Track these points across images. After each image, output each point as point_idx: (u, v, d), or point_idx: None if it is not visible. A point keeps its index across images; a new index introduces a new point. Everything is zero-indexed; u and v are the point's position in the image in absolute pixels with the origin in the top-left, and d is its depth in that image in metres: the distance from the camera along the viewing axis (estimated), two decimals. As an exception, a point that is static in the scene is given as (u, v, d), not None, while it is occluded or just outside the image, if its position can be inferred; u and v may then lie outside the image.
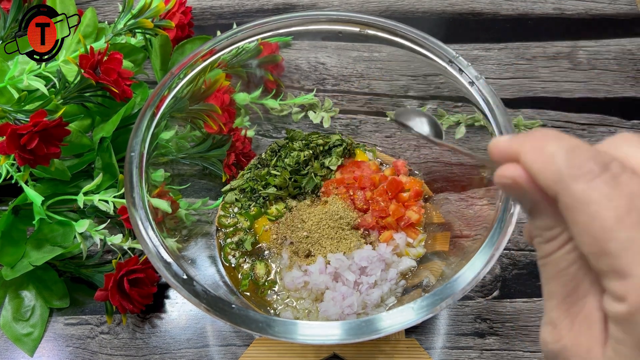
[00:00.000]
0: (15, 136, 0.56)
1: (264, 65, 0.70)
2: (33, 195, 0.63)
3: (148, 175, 0.54)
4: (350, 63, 0.72)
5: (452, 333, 0.66)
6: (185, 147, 0.65)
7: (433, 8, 0.95)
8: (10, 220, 0.66)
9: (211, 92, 0.64)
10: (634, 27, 0.92)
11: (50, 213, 0.65)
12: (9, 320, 0.66)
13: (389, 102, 0.73)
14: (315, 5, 0.95)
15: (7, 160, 0.62)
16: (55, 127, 0.58)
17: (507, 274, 0.70)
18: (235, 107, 0.71)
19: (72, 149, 0.67)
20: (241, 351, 0.64)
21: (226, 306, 0.44)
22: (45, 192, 0.66)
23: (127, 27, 0.69)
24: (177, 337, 0.66)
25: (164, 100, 0.57)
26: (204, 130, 0.67)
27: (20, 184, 0.63)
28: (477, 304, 0.68)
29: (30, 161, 0.59)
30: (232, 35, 0.61)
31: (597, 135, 0.81)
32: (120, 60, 0.63)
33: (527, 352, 0.64)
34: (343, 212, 0.66)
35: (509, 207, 0.49)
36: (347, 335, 0.44)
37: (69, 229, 0.66)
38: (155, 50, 0.74)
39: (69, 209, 0.67)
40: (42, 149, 0.58)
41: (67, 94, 0.63)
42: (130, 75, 0.64)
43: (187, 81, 0.59)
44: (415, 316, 0.44)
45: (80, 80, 0.62)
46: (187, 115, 0.63)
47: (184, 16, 0.75)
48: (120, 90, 0.63)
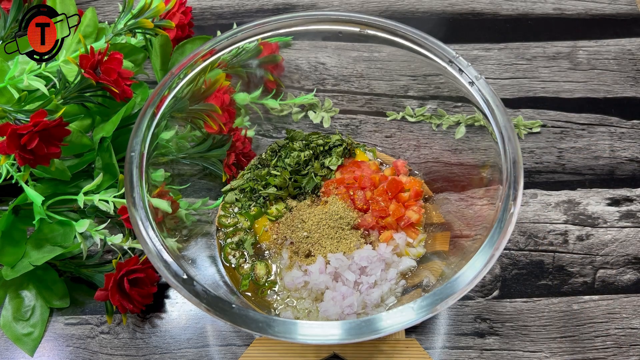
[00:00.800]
0: (16, 136, 0.56)
1: (264, 65, 0.70)
2: (33, 195, 0.63)
3: (148, 175, 0.54)
4: (350, 63, 0.72)
5: (452, 333, 0.66)
6: (185, 147, 0.65)
7: (433, 8, 0.95)
8: (10, 220, 0.66)
9: (211, 92, 0.64)
10: (634, 27, 0.92)
11: (50, 213, 0.65)
12: (9, 320, 0.66)
13: (389, 102, 0.73)
14: (315, 5, 0.95)
15: (7, 160, 0.62)
16: (55, 127, 0.58)
17: (507, 274, 0.70)
18: (235, 107, 0.71)
19: (72, 149, 0.67)
20: (241, 351, 0.65)
21: (226, 306, 0.44)
22: (46, 192, 0.67)
23: (127, 27, 0.69)
24: (177, 337, 0.66)
25: (164, 100, 0.57)
26: (204, 130, 0.67)
27: (20, 184, 0.63)
28: (477, 303, 0.68)
29: (30, 161, 0.59)
30: (232, 35, 0.61)
31: (596, 135, 0.81)
32: (121, 60, 0.63)
33: (527, 352, 0.64)
34: (343, 212, 0.66)
35: (508, 207, 0.49)
36: (347, 335, 0.44)
37: (69, 229, 0.66)
38: (155, 50, 0.74)
39: (69, 209, 0.67)
40: (42, 149, 0.58)
41: (67, 94, 0.63)
42: (130, 75, 0.64)
43: (187, 81, 0.59)
44: (415, 316, 0.44)
45: (81, 80, 0.62)
46: (188, 115, 0.63)
47: (184, 16, 0.75)
48: (121, 90, 0.63)
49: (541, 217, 0.74)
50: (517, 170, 0.52)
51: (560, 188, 0.76)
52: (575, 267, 0.70)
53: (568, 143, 0.80)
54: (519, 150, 0.53)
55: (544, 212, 0.74)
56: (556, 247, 0.72)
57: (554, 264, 0.70)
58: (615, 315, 0.67)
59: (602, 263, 0.70)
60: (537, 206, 0.75)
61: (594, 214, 0.74)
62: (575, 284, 0.69)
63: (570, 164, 0.78)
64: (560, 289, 0.69)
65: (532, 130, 0.81)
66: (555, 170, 0.78)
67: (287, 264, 0.65)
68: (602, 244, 0.72)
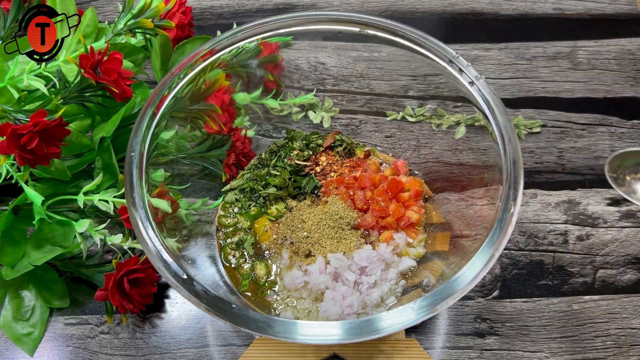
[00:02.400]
0: (16, 136, 0.56)
1: (264, 65, 0.70)
2: (33, 195, 0.63)
3: (148, 175, 0.54)
4: (350, 63, 0.72)
5: (452, 333, 0.66)
6: (185, 147, 0.65)
7: (433, 8, 0.95)
8: (10, 220, 0.66)
9: (211, 92, 0.64)
10: (634, 27, 0.92)
11: (50, 213, 0.65)
12: (9, 320, 0.66)
13: (389, 102, 0.73)
14: (315, 5, 0.95)
15: (7, 160, 0.62)
16: (55, 127, 0.58)
17: (507, 274, 0.70)
18: (235, 107, 0.71)
19: (72, 149, 0.67)
20: (241, 351, 0.65)
21: (226, 306, 0.44)
22: (45, 192, 0.66)
23: (127, 27, 0.69)
24: (177, 337, 0.66)
25: (164, 100, 0.57)
26: (204, 130, 0.67)
27: (20, 184, 0.63)
28: (477, 303, 0.68)
29: (30, 161, 0.59)
30: (232, 35, 0.61)
31: (596, 135, 0.81)
32: (121, 60, 0.63)
33: (527, 352, 0.64)
34: (343, 212, 0.66)
35: (509, 207, 0.49)
36: (347, 335, 0.44)
37: (69, 229, 0.66)
38: (155, 50, 0.74)
39: (69, 208, 0.67)
40: (42, 149, 0.58)
41: (67, 94, 0.63)
42: (130, 75, 0.64)
43: (187, 81, 0.59)
44: (415, 316, 0.44)
45: (81, 80, 0.62)
46: (188, 115, 0.63)
47: (184, 16, 0.75)
48: (120, 90, 0.63)
49: (541, 217, 0.74)
50: (517, 170, 0.52)
51: (560, 188, 0.76)
52: (575, 267, 0.70)
53: (568, 143, 0.80)
54: (519, 150, 0.53)
55: (544, 212, 0.74)
56: (556, 247, 0.71)
57: (554, 264, 0.70)
58: (615, 315, 0.67)
59: (602, 263, 0.70)
60: (537, 206, 0.75)
61: (594, 214, 0.74)
62: (576, 284, 0.69)
63: (571, 164, 0.78)
64: (560, 289, 0.69)
65: (532, 130, 0.81)
66: (556, 170, 0.78)
67: (287, 264, 0.65)
68: (602, 244, 0.72)
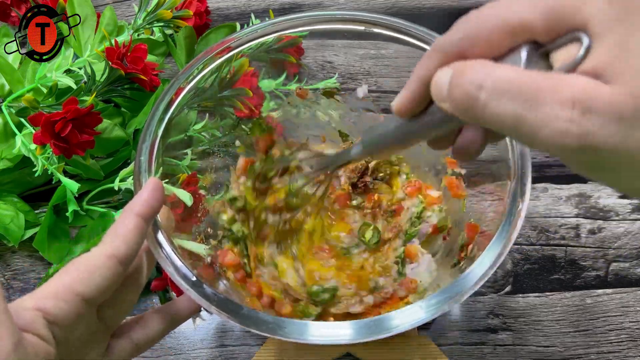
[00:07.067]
0: (49, 124, 0.57)
1: (285, 50, 0.68)
2: (69, 183, 0.64)
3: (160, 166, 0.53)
4: (357, 61, 0.72)
5: (464, 329, 0.66)
6: (216, 137, 0.65)
7: (439, 3, 0.94)
8: (52, 219, 0.68)
9: (238, 78, 0.63)
10: None
11: (88, 206, 0.67)
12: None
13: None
14: (321, 5, 0.95)
15: (42, 152, 0.63)
16: (86, 115, 0.60)
17: (518, 269, 0.70)
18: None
19: (107, 145, 0.69)
20: (255, 350, 0.65)
21: (236, 308, 0.44)
22: (80, 191, 0.68)
23: (146, 22, 0.70)
24: (190, 338, 0.67)
25: (181, 92, 0.55)
26: (235, 117, 0.66)
27: (56, 177, 0.65)
28: (489, 299, 0.68)
29: (65, 150, 0.60)
30: (251, 32, 0.60)
31: (608, 127, 0.80)
32: (145, 50, 0.64)
33: (541, 347, 0.64)
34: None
35: (517, 202, 0.49)
36: (358, 335, 0.44)
37: (108, 220, 0.67)
38: (180, 43, 0.74)
39: (106, 202, 0.69)
40: (76, 137, 0.60)
41: (97, 89, 0.64)
42: (155, 66, 0.65)
43: (209, 71, 0.58)
44: (425, 315, 0.44)
45: (109, 72, 0.63)
46: (217, 103, 0.62)
47: (201, 3, 0.76)
48: (149, 78, 0.64)
49: (552, 211, 0.73)
50: (525, 164, 0.51)
51: (571, 181, 0.75)
52: (587, 260, 0.70)
53: (578, 136, 0.79)
54: (527, 143, 0.52)
55: (555, 206, 0.73)
56: (568, 241, 0.71)
57: (566, 258, 0.70)
58: (629, 308, 0.66)
59: (614, 256, 0.70)
60: (548, 200, 0.74)
61: (605, 207, 0.73)
62: (588, 277, 0.69)
63: (581, 156, 0.77)
64: (573, 283, 0.68)
65: (542, 124, 0.80)
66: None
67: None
68: (615, 237, 0.71)
